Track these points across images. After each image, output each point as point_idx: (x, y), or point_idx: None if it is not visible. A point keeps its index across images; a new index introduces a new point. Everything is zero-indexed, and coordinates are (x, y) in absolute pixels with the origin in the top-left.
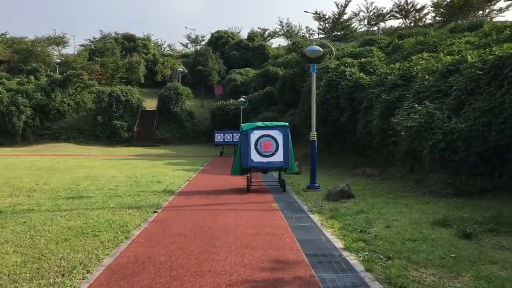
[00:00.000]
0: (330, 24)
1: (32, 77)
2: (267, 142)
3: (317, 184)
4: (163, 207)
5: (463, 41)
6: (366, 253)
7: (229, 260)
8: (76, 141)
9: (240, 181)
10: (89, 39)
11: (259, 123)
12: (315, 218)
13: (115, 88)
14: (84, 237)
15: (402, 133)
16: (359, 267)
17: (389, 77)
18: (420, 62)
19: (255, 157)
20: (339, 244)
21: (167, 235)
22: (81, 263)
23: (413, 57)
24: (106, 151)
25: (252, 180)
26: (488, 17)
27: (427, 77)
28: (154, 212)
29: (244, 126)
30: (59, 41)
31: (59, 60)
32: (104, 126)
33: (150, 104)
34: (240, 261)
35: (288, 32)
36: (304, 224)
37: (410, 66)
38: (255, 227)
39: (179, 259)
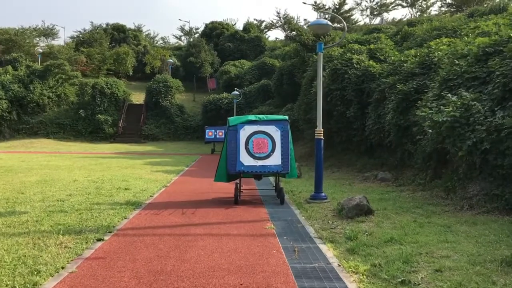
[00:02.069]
0: (330, 15)
1: (9, 68)
2: (261, 140)
3: (323, 194)
4: (115, 231)
5: (490, 23)
6: None
7: None
8: (56, 136)
9: (227, 186)
10: (79, 31)
11: (251, 117)
12: (328, 251)
13: (99, 80)
14: None
15: (430, 131)
16: None
17: (404, 65)
18: (441, 47)
19: (245, 159)
20: None
21: None
22: None
23: (431, 43)
24: (87, 147)
25: (242, 188)
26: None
27: (457, 62)
28: (99, 240)
29: (232, 119)
30: (48, 33)
31: (41, 50)
32: (87, 121)
33: (139, 98)
34: None
35: (286, 20)
36: (313, 265)
37: (430, 52)
38: (240, 272)
39: None
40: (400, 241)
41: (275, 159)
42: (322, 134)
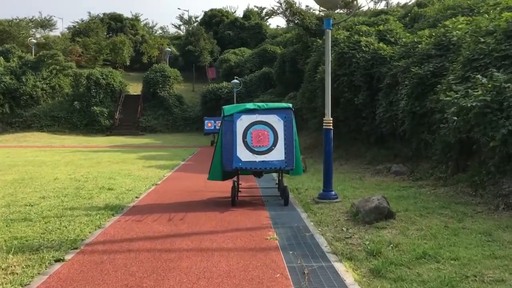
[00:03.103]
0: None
1: (1, 59)
2: (261, 132)
3: (333, 192)
4: (82, 246)
5: None
6: None
7: None
8: (50, 130)
9: (224, 184)
10: (77, 22)
11: (250, 105)
12: (347, 273)
13: (94, 70)
14: None
15: (455, 118)
16: None
17: (419, 46)
18: (460, 26)
19: (243, 154)
20: None
21: None
22: None
23: (446, 22)
24: (81, 141)
25: (240, 187)
26: None
27: (482, 39)
28: (57, 260)
29: (227, 108)
30: (45, 24)
31: (35, 41)
32: (82, 113)
33: (137, 88)
34: None
35: (287, 3)
36: None
37: (447, 31)
38: None
39: None
40: (436, 256)
41: (278, 154)
42: (331, 124)
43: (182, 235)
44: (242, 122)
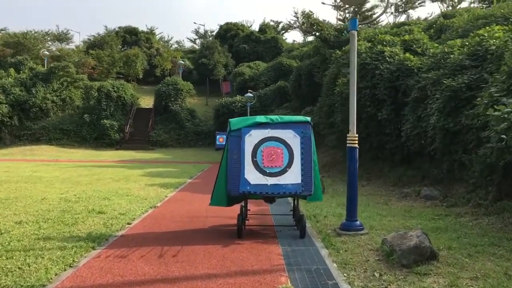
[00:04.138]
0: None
1: (12, 70)
2: (274, 150)
3: (358, 222)
4: None
5: None
6: None
7: None
8: (59, 143)
9: (231, 208)
10: (93, 35)
11: (261, 118)
12: None
13: (105, 83)
14: None
15: (504, 136)
16: None
17: (451, 57)
18: (496, 35)
19: (252, 176)
20: None
21: None
22: None
23: (480, 32)
24: (89, 155)
25: (248, 213)
26: None
27: None
28: None
29: (234, 122)
30: (62, 38)
31: (47, 53)
32: (92, 126)
33: (149, 102)
34: None
35: (304, 15)
36: None
37: (482, 40)
38: None
39: None
40: None
41: (293, 176)
42: (356, 141)
43: (171, 279)
44: (252, 138)
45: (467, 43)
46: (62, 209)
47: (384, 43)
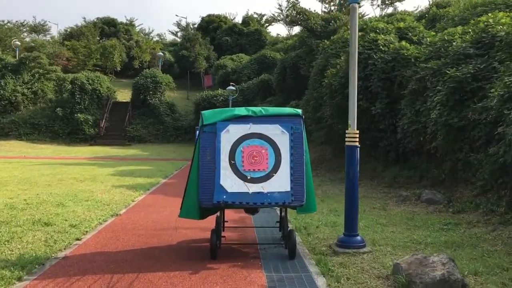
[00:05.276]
0: (336, 7)
1: None
2: (257, 150)
3: (359, 238)
4: None
5: None
6: None
7: None
8: (30, 138)
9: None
10: (71, 27)
11: (240, 110)
12: None
13: (79, 75)
14: None
15: None
16: None
17: (453, 44)
18: (502, 21)
19: (229, 182)
20: None
21: None
22: None
23: (482, 18)
24: (60, 151)
25: (225, 225)
26: None
27: None
28: None
29: (207, 114)
30: (39, 29)
31: (19, 43)
32: (65, 121)
33: (126, 96)
34: None
35: (290, 3)
36: None
37: (487, 27)
38: None
39: None
40: None
41: (281, 182)
42: (357, 139)
43: None
44: (229, 135)
45: (470, 30)
46: (0, 220)
47: (377, 30)
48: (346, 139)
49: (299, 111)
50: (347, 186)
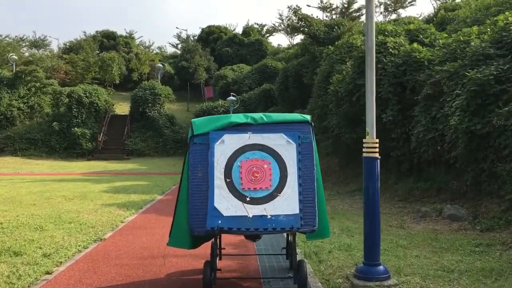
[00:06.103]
0: (338, 15)
1: None
2: (258, 164)
3: (382, 267)
4: None
5: None
6: None
7: None
8: (25, 154)
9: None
10: (71, 41)
11: (238, 117)
12: None
13: (76, 88)
14: None
15: None
16: None
17: (471, 44)
18: None
19: (225, 204)
20: None
21: None
22: None
23: (499, 17)
24: (56, 166)
25: (223, 252)
26: None
27: None
28: None
29: (198, 123)
30: (39, 44)
31: (16, 57)
32: (62, 135)
33: (125, 109)
34: None
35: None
36: None
37: (507, 25)
38: None
39: None
40: None
41: (287, 204)
42: (377, 149)
43: None
44: (225, 147)
45: (488, 30)
46: None
47: (386, 33)
48: (364, 150)
49: (308, 117)
50: (366, 205)
